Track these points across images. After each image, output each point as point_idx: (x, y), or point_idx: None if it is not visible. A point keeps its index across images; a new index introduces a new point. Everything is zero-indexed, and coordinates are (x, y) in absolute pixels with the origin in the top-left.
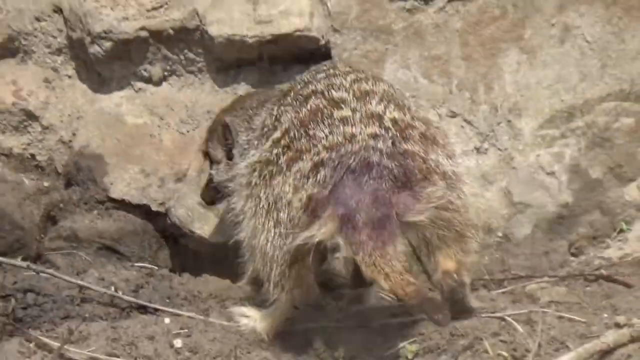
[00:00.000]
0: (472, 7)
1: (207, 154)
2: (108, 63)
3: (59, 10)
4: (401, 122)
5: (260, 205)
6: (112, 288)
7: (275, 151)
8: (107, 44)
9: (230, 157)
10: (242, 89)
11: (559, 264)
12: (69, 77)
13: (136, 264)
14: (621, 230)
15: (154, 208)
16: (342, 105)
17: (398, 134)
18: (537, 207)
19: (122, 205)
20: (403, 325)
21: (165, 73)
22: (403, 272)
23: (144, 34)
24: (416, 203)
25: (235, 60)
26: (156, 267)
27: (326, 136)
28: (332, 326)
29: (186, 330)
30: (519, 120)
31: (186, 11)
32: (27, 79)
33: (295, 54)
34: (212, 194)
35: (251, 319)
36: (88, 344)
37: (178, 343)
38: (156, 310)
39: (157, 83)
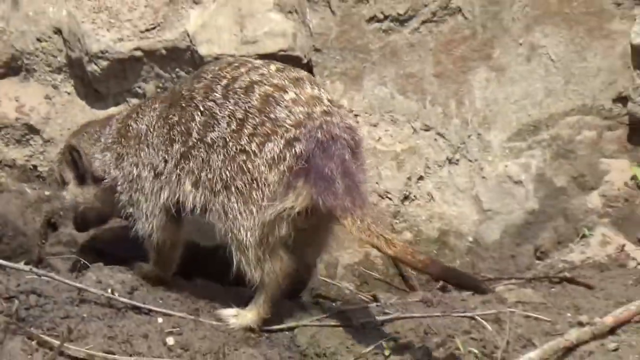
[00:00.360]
0: (444, 28)
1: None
2: (104, 81)
3: (58, 31)
4: (333, 102)
5: (235, 192)
6: (109, 290)
7: (242, 142)
8: (104, 63)
9: (80, 176)
10: None
11: (525, 267)
12: (68, 93)
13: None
14: (584, 236)
15: None
16: (287, 90)
17: (338, 111)
18: (505, 214)
19: None
20: (381, 324)
21: (158, 90)
22: (402, 241)
23: (138, 53)
24: (365, 172)
25: None
26: None
27: (287, 116)
28: (315, 325)
29: (178, 329)
30: (488, 133)
31: (177, 32)
32: (29, 95)
33: None
34: (81, 221)
35: (238, 316)
36: (86, 342)
37: (170, 341)
38: (150, 310)
39: None
